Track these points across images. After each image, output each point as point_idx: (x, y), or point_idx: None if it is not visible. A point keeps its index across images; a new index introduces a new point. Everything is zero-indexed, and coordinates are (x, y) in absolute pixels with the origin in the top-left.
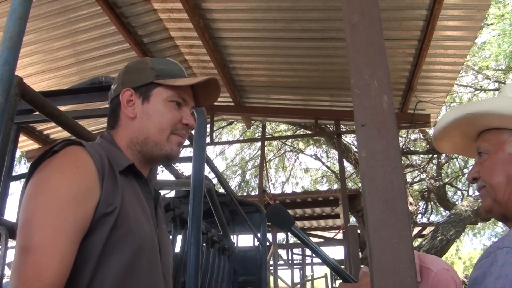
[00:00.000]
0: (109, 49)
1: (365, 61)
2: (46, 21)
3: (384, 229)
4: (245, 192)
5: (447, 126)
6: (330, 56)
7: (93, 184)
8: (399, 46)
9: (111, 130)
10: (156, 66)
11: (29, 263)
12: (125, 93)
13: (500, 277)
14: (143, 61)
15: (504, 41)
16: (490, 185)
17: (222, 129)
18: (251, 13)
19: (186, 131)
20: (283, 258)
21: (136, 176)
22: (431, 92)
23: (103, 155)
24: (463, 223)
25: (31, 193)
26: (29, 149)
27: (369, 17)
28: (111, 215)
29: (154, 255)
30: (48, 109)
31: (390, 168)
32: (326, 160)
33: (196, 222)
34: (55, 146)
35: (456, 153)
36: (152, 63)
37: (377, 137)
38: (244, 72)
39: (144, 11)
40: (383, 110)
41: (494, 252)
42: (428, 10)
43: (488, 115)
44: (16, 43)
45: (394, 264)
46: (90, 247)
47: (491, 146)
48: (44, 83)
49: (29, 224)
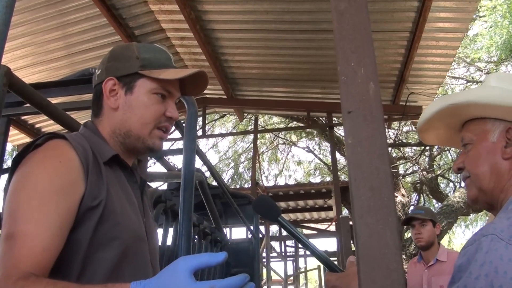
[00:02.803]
0: (100, 41)
1: (352, 48)
2: (36, 13)
3: (369, 215)
4: (238, 184)
5: (430, 118)
6: (322, 48)
7: (77, 178)
8: (390, 38)
9: (95, 118)
10: (142, 54)
11: (9, 253)
12: (108, 82)
13: (485, 264)
14: (129, 47)
15: (495, 33)
16: (475, 174)
17: (215, 122)
18: (243, 5)
19: (170, 124)
20: (276, 250)
21: (121, 165)
22: (423, 84)
23: (87, 147)
24: (455, 214)
25: (14, 187)
26: (21, 142)
27: (356, 4)
28: (97, 208)
29: (142, 245)
30: (37, 100)
31: (376, 154)
32: (319, 153)
33: (187, 214)
34: (37, 140)
35: (442, 144)
36: (138, 51)
37: (363, 124)
38: (236, 65)
39: (135, 3)
40: (370, 97)
41: (479, 240)
42: (420, 1)
43: (471, 105)
44: (2, 33)
45: (379, 250)
46: (77, 240)
47: (475, 136)
48: (35, 76)
49: (12, 218)
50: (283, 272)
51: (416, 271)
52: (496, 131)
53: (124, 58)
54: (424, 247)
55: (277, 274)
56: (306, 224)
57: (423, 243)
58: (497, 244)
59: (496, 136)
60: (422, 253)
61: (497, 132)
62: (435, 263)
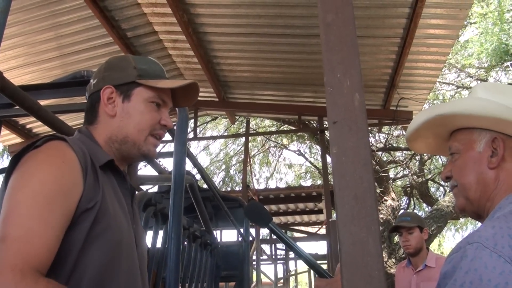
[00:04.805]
0: (92, 43)
1: (338, 60)
2: (29, 13)
3: (353, 224)
4: (229, 187)
5: (418, 128)
6: (314, 52)
7: (77, 179)
8: (381, 44)
9: (89, 125)
10: (139, 65)
11: (12, 250)
12: (106, 90)
13: (469, 272)
14: (125, 58)
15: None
16: (461, 184)
17: (206, 124)
18: (235, 9)
19: (164, 131)
20: (267, 253)
21: (114, 171)
22: (413, 89)
23: (85, 150)
24: (445, 218)
25: (16, 185)
26: (12, 143)
27: (343, 16)
28: (92, 210)
29: (131, 250)
30: (28, 104)
31: (360, 164)
32: (310, 156)
33: (177, 217)
34: (37, 141)
35: (431, 153)
36: (134, 62)
37: (348, 134)
38: (228, 68)
39: (127, 5)
40: (355, 108)
41: (464, 247)
42: (411, 8)
43: (457, 116)
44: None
45: (362, 258)
46: (71, 240)
47: (462, 146)
48: (26, 76)
49: (15, 215)
50: (273, 275)
51: (404, 275)
52: (482, 141)
53: (121, 68)
54: (413, 254)
55: (267, 277)
56: (296, 227)
57: (411, 250)
58: (482, 252)
59: (482, 146)
60: (410, 258)
61: (483, 142)
62: (424, 269)
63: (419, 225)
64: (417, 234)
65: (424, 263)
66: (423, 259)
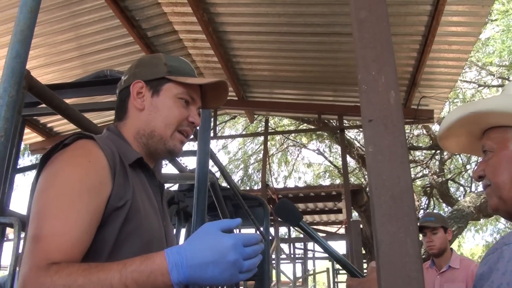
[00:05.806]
0: (112, 43)
1: (372, 57)
2: (50, 14)
3: (390, 224)
4: (248, 186)
5: (451, 126)
6: (334, 51)
7: (105, 178)
8: (403, 42)
9: (119, 122)
10: (169, 62)
11: (39, 249)
12: (136, 85)
13: (506, 273)
14: (157, 56)
15: (508, 37)
16: (495, 183)
17: (225, 123)
18: (255, 7)
19: (191, 129)
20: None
21: (144, 168)
22: (434, 87)
23: (114, 149)
24: (466, 219)
25: (43, 186)
26: (33, 141)
27: (376, 13)
28: (123, 209)
29: (161, 248)
30: (55, 103)
31: (397, 163)
32: (329, 155)
33: (200, 215)
34: (65, 140)
35: (463, 152)
36: (165, 59)
37: (384, 133)
38: (247, 67)
39: (148, 5)
40: (390, 106)
41: (501, 248)
42: (433, 5)
43: (492, 114)
44: (27, 37)
45: (400, 258)
46: (103, 239)
47: (496, 144)
48: (47, 76)
49: (41, 215)
50: (292, 274)
51: (428, 276)
52: None
53: (152, 65)
54: (436, 255)
55: (286, 276)
56: (315, 226)
57: (435, 251)
58: None
59: None
60: (434, 259)
61: None
62: (448, 270)
63: (443, 226)
64: (441, 235)
65: (448, 264)
66: (447, 260)
